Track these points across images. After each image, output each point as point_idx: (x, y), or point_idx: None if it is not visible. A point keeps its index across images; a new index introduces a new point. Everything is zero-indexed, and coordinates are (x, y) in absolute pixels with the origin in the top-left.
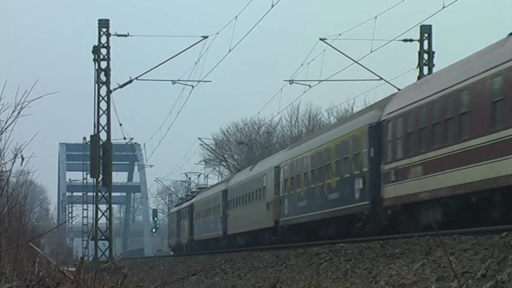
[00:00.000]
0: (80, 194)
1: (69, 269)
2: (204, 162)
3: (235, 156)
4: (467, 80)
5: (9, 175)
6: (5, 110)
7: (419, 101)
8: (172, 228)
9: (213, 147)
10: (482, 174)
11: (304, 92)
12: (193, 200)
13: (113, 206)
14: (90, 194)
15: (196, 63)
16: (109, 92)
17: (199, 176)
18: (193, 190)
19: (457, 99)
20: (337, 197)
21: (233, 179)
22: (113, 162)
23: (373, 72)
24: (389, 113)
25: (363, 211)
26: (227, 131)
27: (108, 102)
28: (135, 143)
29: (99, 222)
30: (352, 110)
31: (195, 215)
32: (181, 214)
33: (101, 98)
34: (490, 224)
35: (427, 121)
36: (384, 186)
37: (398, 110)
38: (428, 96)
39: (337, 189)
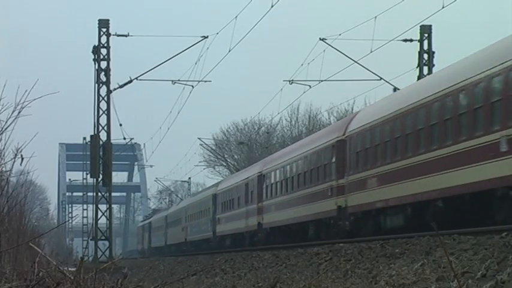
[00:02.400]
0: (80, 194)
1: (69, 269)
2: (205, 163)
3: (235, 156)
4: (249, 177)
5: (9, 175)
6: (5, 110)
7: (229, 185)
8: (139, 237)
9: (213, 147)
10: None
11: (304, 92)
12: (151, 218)
13: (113, 206)
14: (90, 194)
15: (196, 63)
16: (109, 92)
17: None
18: (149, 213)
19: (252, 182)
20: (204, 228)
21: (171, 208)
22: (113, 162)
23: (373, 72)
24: (218, 190)
25: (210, 237)
26: (227, 131)
27: (108, 102)
28: (135, 143)
29: (99, 222)
30: (352, 109)
31: (152, 229)
32: (144, 228)
33: (100, 98)
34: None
35: (232, 196)
36: (217, 225)
37: (220, 189)
38: (232, 184)
39: (204, 224)
